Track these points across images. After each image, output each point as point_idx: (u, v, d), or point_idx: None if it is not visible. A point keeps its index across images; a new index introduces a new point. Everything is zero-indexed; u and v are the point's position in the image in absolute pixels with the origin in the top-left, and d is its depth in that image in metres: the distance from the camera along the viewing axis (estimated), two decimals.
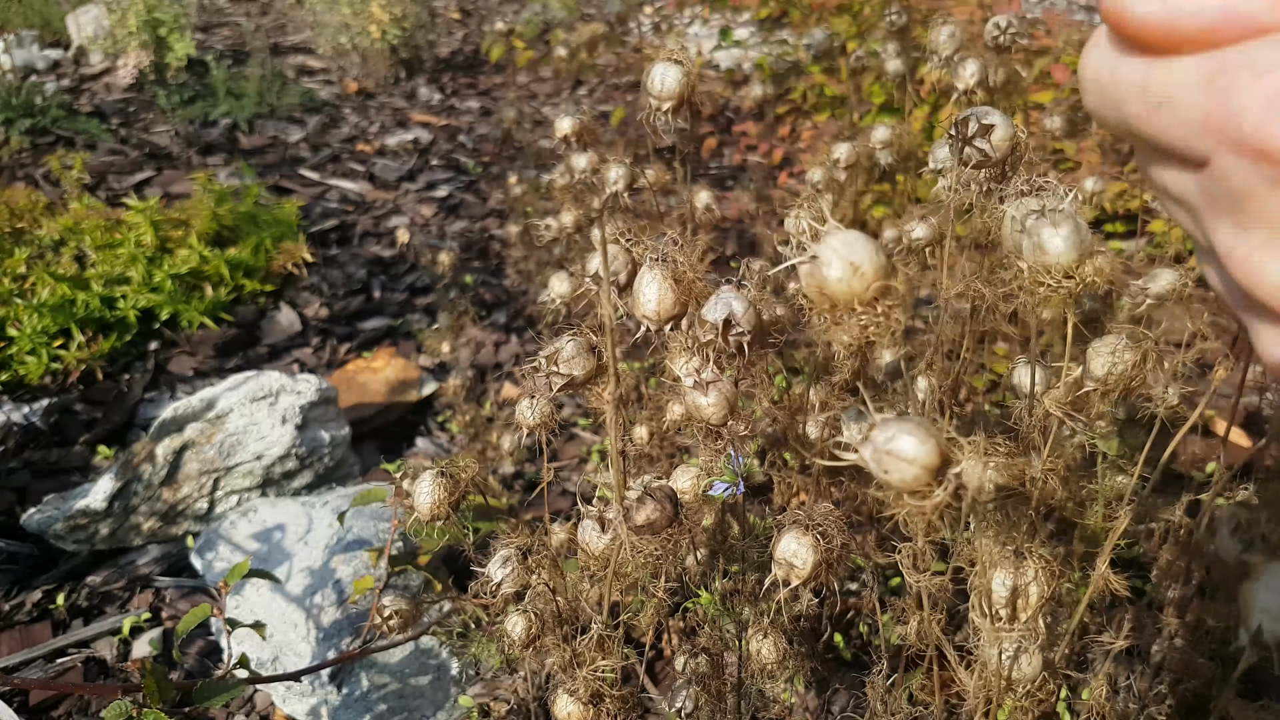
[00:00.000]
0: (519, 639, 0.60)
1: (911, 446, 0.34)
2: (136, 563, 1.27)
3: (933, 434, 0.34)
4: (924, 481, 0.34)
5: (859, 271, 0.37)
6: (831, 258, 0.37)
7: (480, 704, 1.04)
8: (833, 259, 0.37)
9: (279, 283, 1.97)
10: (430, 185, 2.57)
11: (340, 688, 1.04)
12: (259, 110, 2.99)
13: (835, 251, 0.37)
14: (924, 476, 0.34)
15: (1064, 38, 1.79)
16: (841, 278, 0.37)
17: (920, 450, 0.34)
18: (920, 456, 0.34)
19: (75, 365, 1.60)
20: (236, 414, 1.34)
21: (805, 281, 0.38)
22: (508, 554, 0.60)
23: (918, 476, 0.34)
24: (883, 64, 1.19)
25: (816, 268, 0.37)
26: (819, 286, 0.37)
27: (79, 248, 1.81)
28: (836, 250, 0.37)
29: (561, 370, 0.51)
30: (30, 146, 2.58)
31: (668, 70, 0.60)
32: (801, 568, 0.47)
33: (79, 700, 1.07)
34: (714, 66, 3.15)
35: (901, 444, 0.34)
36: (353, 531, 1.16)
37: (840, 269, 0.37)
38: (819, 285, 0.37)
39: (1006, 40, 0.81)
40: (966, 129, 0.54)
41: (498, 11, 4.49)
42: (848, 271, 0.37)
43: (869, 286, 0.37)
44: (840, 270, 0.37)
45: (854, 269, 0.37)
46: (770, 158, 2.25)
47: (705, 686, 0.65)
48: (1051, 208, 0.39)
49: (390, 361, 1.70)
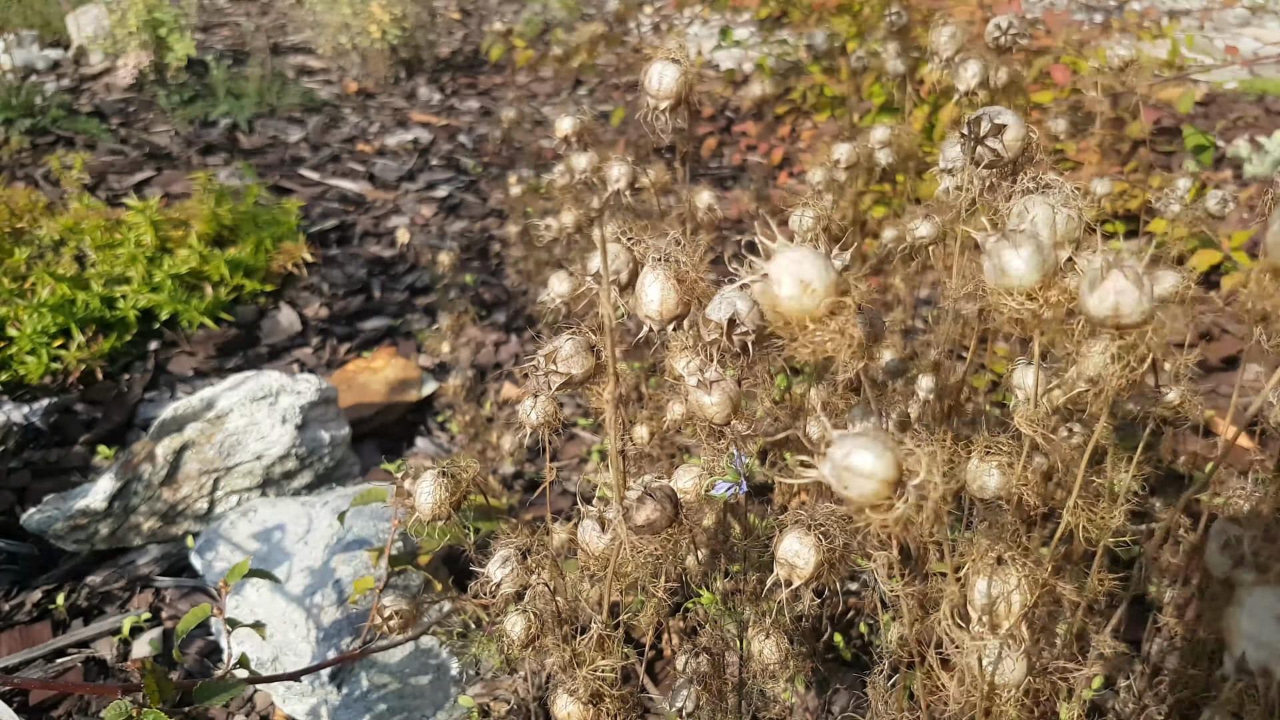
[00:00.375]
0: (518, 639, 0.60)
1: (869, 461, 0.34)
2: (136, 563, 1.27)
3: (890, 448, 0.34)
4: (884, 495, 0.34)
5: (809, 289, 0.37)
6: (781, 275, 0.37)
7: (480, 704, 1.04)
8: (782, 277, 0.37)
9: (279, 283, 1.97)
10: (430, 185, 2.57)
11: (340, 688, 1.04)
12: (259, 110, 2.99)
13: (784, 269, 0.37)
14: (883, 490, 0.34)
15: (1063, 37, 1.79)
16: (792, 295, 0.37)
17: (877, 465, 0.34)
18: (878, 471, 0.34)
19: (75, 365, 1.60)
20: (236, 414, 1.34)
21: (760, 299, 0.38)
22: (507, 554, 0.60)
23: (877, 491, 0.34)
24: (883, 64, 1.19)
25: (768, 286, 0.37)
26: (772, 305, 0.38)
27: (79, 248, 1.81)
28: (785, 268, 0.37)
29: (560, 369, 0.51)
30: (30, 146, 2.58)
31: (665, 69, 0.60)
32: (804, 567, 0.47)
33: (79, 700, 1.07)
34: (714, 66, 3.15)
35: (858, 459, 0.34)
36: (353, 531, 1.16)
37: (790, 287, 0.37)
38: (771, 303, 0.38)
39: (1008, 41, 0.80)
40: (979, 128, 0.54)
41: (498, 11, 4.49)
42: (798, 289, 0.37)
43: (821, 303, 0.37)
44: (790, 288, 0.37)
45: (804, 286, 0.37)
46: (770, 158, 2.25)
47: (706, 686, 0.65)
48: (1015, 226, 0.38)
49: (390, 361, 1.70)
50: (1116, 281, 0.36)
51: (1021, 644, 0.47)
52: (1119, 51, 0.84)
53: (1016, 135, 0.53)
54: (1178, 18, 2.11)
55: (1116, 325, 0.37)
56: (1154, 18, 2.01)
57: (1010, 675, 0.49)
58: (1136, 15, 2.01)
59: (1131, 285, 0.36)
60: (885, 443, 0.34)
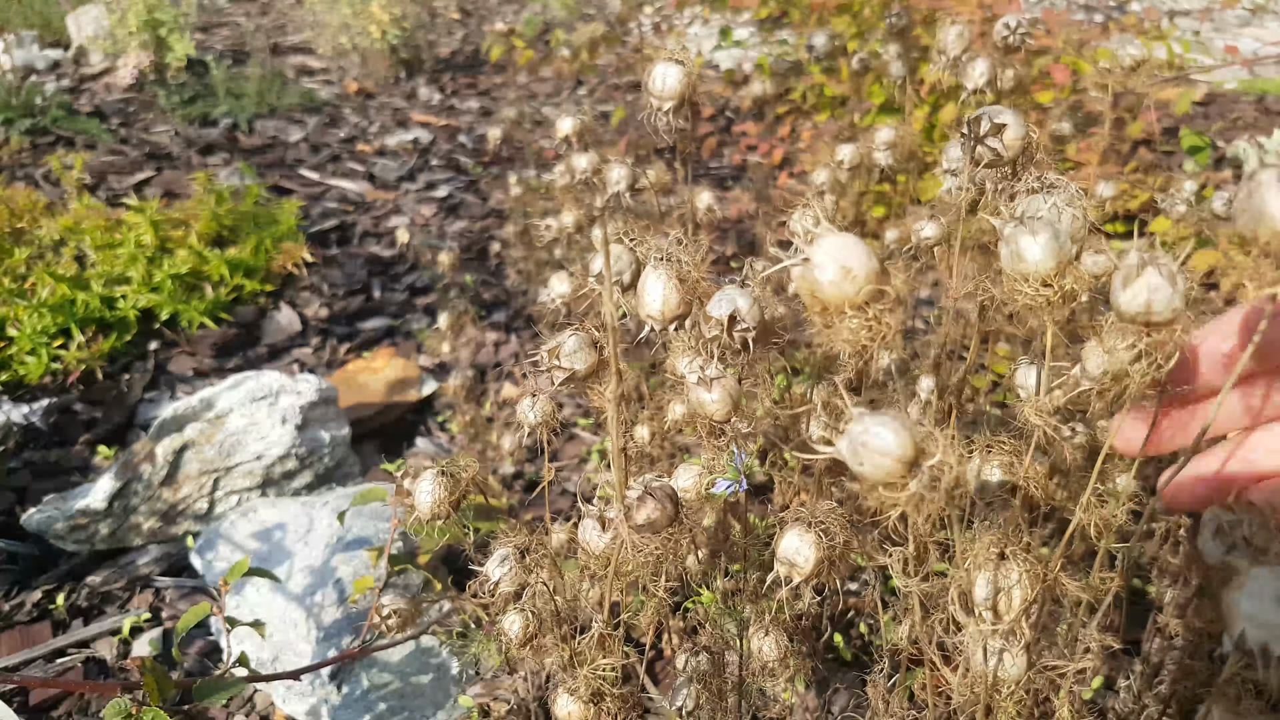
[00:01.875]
0: (517, 637, 0.60)
1: (886, 439, 0.34)
2: (136, 563, 1.27)
3: (908, 427, 0.34)
4: (899, 474, 0.34)
5: (851, 275, 0.37)
6: (824, 261, 0.37)
7: (480, 704, 1.04)
8: (825, 262, 0.37)
9: (279, 283, 1.97)
10: (430, 185, 2.57)
11: (340, 687, 1.04)
12: (259, 110, 2.99)
13: (828, 255, 0.37)
14: (899, 469, 0.34)
15: (1063, 37, 1.79)
16: (834, 281, 0.37)
17: (895, 443, 0.34)
18: (895, 449, 0.34)
19: (75, 365, 1.60)
20: (236, 414, 1.34)
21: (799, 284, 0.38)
22: (505, 553, 0.60)
23: (892, 469, 0.34)
24: (885, 65, 1.19)
25: (809, 270, 0.37)
26: (811, 289, 0.38)
27: (79, 248, 1.81)
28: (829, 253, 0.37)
29: (564, 364, 0.51)
30: (30, 146, 2.58)
31: (669, 70, 0.60)
32: (804, 565, 0.47)
33: (79, 700, 1.07)
34: (714, 67, 3.16)
35: (877, 437, 0.34)
36: (353, 531, 1.16)
37: (833, 272, 0.37)
38: (811, 288, 0.38)
39: (1016, 40, 0.80)
40: (979, 127, 0.54)
41: (498, 11, 4.49)
42: (840, 275, 0.37)
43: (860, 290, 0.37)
44: (833, 274, 0.37)
45: (846, 272, 0.37)
46: (770, 158, 2.25)
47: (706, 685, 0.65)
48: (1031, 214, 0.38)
49: (390, 361, 1.70)
50: (1151, 278, 0.36)
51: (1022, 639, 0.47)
52: (1130, 51, 0.84)
53: (1017, 134, 0.53)
54: (1177, 19, 2.11)
55: (1147, 322, 0.37)
56: (1154, 18, 2.01)
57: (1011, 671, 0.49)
58: (1136, 17, 2.02)
59: (1165, 283, 0.36)
60: (904, 422, 0.34)
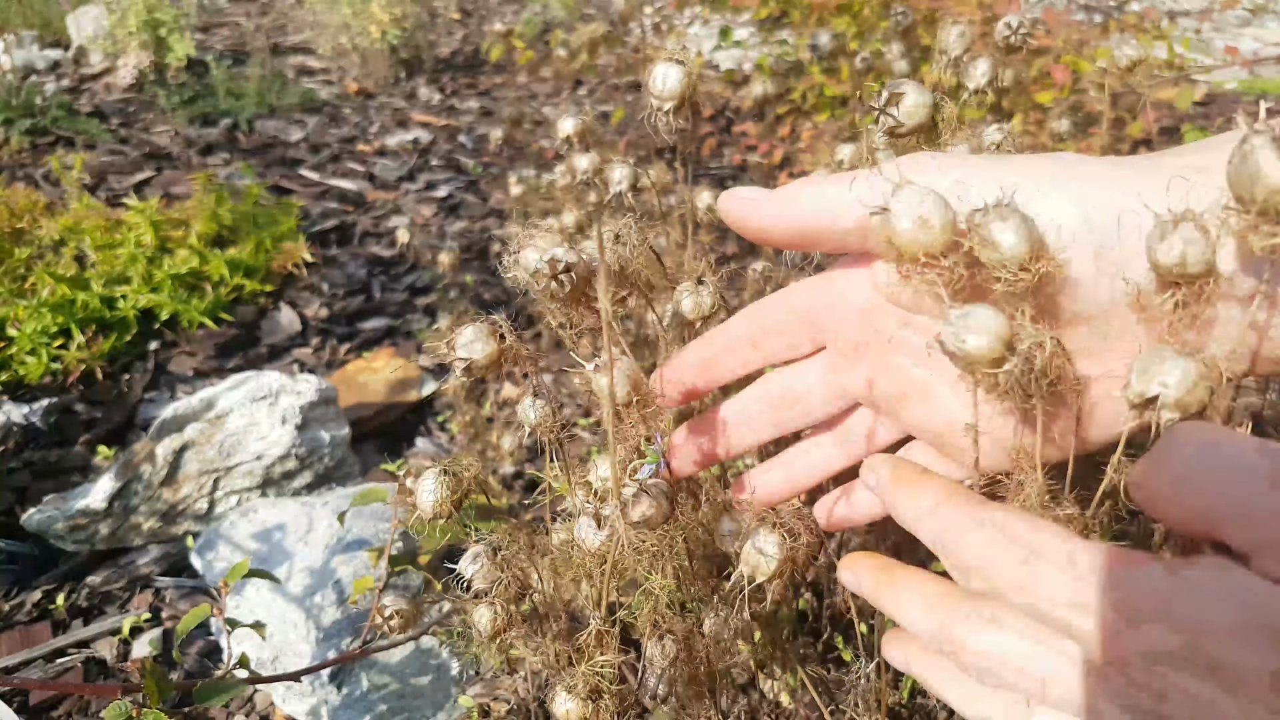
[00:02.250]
0: (485, 631, 0.60)
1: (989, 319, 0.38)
2: (136, 563, 1.27)
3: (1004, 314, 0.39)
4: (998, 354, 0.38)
5: (928, 225, 0.39)
6: (903, 210, 0.40)
7: (480, 704, 1.04)
8: (904, 210, 0.39)
9: (279, 283, 1.97)
10: (430, 185, 2.57)
11: (340, 688, 1.04)
12: (259, 110, 2.99)
13: (906, 204, 0.40)
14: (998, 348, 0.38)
15: (1063, 37, 1.79)
16: (910, 229, 0.39)
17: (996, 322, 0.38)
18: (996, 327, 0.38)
19: (75, 365, 1.60)
20: (236, 414, 1.34)
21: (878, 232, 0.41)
22: (477, 550, 0.60)
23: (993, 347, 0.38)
24: (887, 64, 1.19)
25: (887, 219, 0.40)
26: (889, 237, 0.40)
27: (79, 248, 1.81)
28: (908, 202, 0.40)
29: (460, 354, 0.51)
30: (30, 146, 2.58)
31: (669, 70, 0.60)
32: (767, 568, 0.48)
33: (79, 700, 1.06)
34: (714, 67, 3.15)
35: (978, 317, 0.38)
36: (353, 531, 1.16)
37: (910, 221, 0.39)
38: (889, 236, 0.40)
39: (1018, 40, 0.80)
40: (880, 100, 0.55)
41: (498, 11, 4.49)
42: (917, 225, 0.39)
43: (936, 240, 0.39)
44: (910, 222, 0.39)
45: (923, 222, 0.39)
46: (770, 158, 2.25)
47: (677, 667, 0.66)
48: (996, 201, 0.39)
49: (390, 361, 1.70)
50: (1185, 231, 0.36)
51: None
52: (1126, 51, 0.84)
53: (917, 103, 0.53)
54: (1176, 19, 2.11)
55: (1181, 275, 0.37)
56: (1154, 18, 2.01)
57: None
58: (1136, 16, 2.02)
59: (1199, 235, 0.36)
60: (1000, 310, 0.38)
